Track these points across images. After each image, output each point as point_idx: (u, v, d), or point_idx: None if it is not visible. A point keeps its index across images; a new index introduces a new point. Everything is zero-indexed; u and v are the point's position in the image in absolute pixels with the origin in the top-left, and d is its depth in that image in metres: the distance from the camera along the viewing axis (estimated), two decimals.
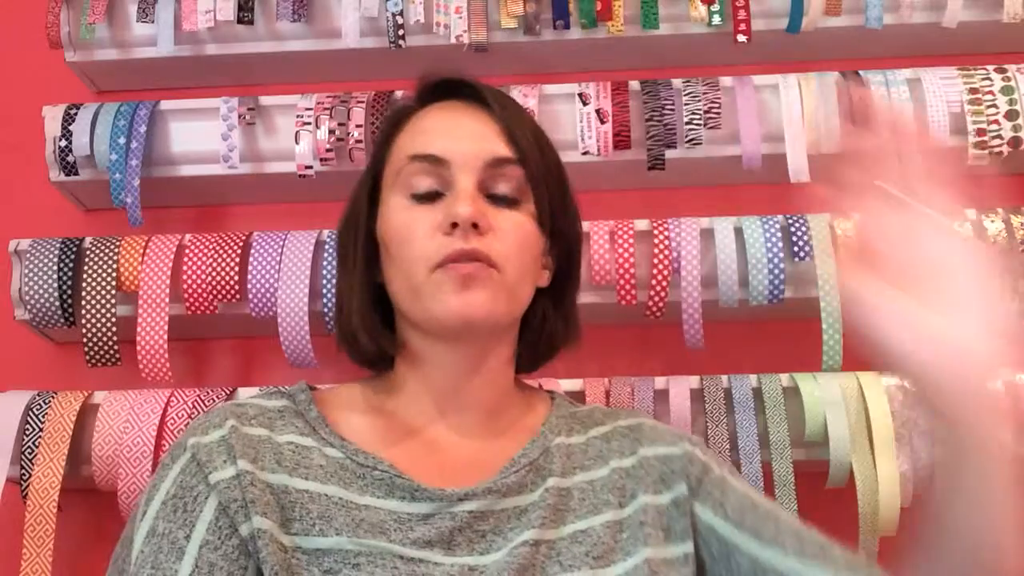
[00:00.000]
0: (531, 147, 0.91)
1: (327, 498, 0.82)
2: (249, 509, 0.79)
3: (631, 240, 1.36)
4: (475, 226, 0.85)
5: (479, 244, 0.85)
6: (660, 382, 1.32)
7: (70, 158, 1.44)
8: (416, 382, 0.91)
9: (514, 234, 0.88)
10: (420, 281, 0.86)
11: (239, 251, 1.39)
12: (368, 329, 0.91)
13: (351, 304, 0.92)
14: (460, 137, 0.90)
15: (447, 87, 0.95)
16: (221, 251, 1.39)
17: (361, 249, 0.92)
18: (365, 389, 0.94)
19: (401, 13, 1.46)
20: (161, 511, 0.81)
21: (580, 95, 1.44)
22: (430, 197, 0.88)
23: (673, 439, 0.92)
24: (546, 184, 0.92)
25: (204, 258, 1.38)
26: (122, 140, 1.42)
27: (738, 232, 1.38)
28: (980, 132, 1.39)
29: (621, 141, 1.42)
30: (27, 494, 1.27)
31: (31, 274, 1.37)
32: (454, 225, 0.85)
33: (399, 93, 1.42)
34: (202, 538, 0.79)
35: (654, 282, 1.35)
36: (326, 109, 1.43)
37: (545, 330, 0.96)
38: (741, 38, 1.45)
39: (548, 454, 0.89)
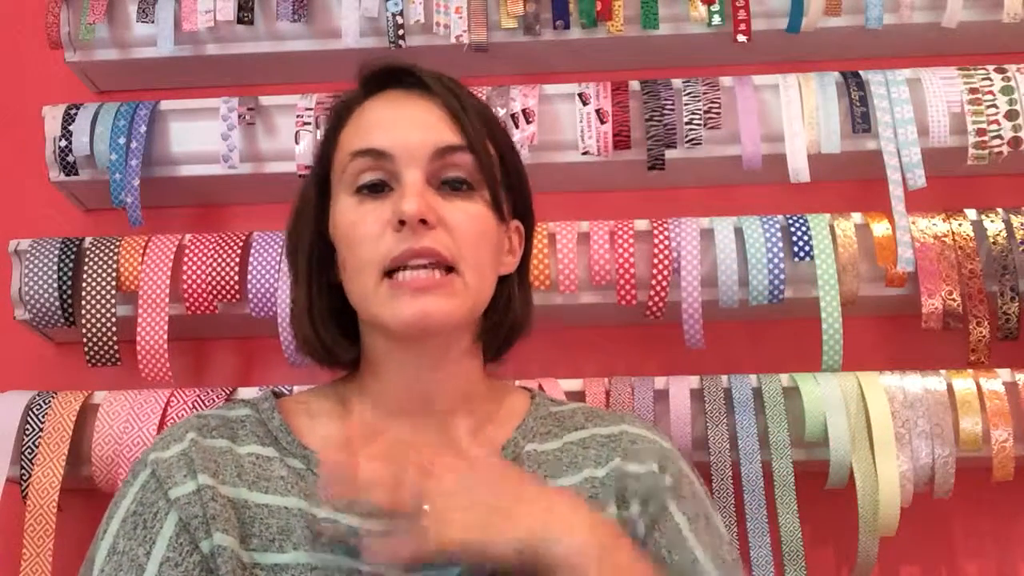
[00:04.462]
0: (479, 131, 0.88)
1: (287, 511, 0.81)
2: (210, 525, 0.78)
3: (631, 240, 1.36)
4: (424, 222, 0.82)
5: (430, 241, 0.82)
6: (660, 382, 1.32)
7: (70, 158, 1.43)
8: (378, 383, 0.89)
9: (468, 226, 0.85)
10: (371, 288, 0.83)
11: (239, 251, 1.39)
12: (321, 335, 0.88)
13: (302, 309, 0.90)
14: (403, 128, 0.86)
15: (389, 76, 0.91)
16: (221, 251, 1.39)
17: (309, 252, 0.89)
18: (331, 393, 0.92)
19: (401, 13, 1.46)
20: (121, 529, 0.80)
21: (580, 95, 1.44)
22: (377, 189, 0.85)
23: (647, 456, 0.88)
24: (500, 167, 0.89)
25: (204, 258, 1.38)
26: (122, 140, 1.42)
27: (738, 232, 1.38)
28: (980, 132, 1.39)
29: (621, 141, 1.42)
30: (27, 494, 1.27)
31: (31, 274, 1.37)
32: (402, 223, 0.82)
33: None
34: (162, 555, 0.78)
35: (654, 282, 1.35)
36: (326, 109, 1.42)
37: (508, 317, 0.92)
38: (741, 38, 1.45)
39: (518, 462, 0.87)
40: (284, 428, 0.87)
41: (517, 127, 1.41)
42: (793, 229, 1.37)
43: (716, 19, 1.46)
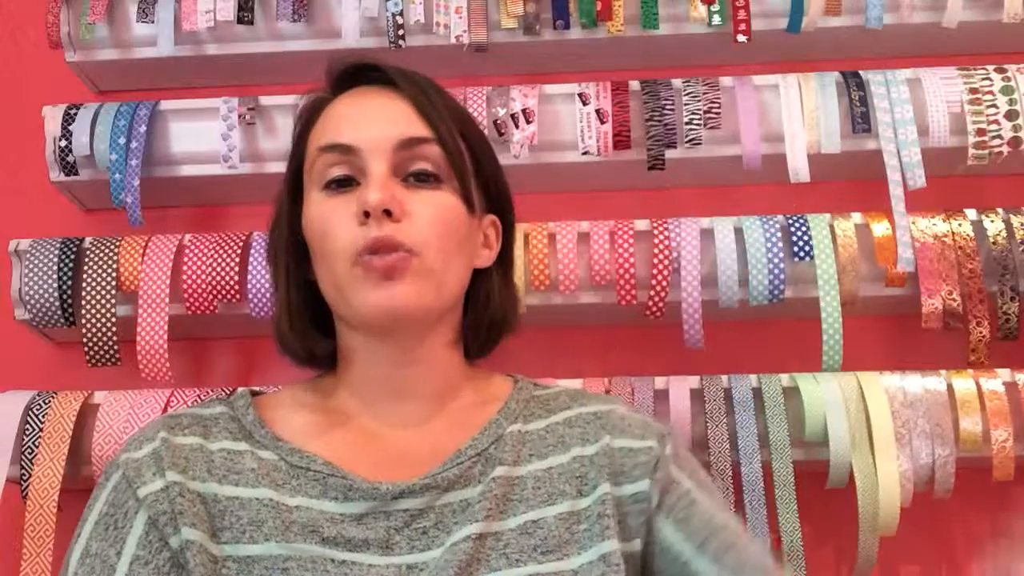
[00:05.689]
0: (447, 124, 0.89)
1: (258, 502, 0.81)
2: (178, 521, 0.79)
3: (631, 240, 1.36)
4: (388, 213, 0.83)
5: (393, 231, 0.83)
6: (660, 382, 1.32)
7: (70, 158, 1.43)
8: (354, 375, 0.89)
9: (432, 215, 0.85)
10: (341, 276, 0.84)
11: (239, 251, 1.39)
12: (297, 331, 0.90)
13: (280, 306, 0.91)
14: (368, 122, 0.88)
15: (356, 73, 0.92)
16: (221, 251, 1.39)
17: (286, 249, 0.91)
18: (308, 388, 0.92)
19: (401, 13, 1.46)
20: (94, 531, 0.81)
21: (580, 95, 1.44)
22: (345, 184, 0.86)
23: (641, 432, 0.88)
24: (470, 159, 0.90)
25: (204, 258, 1.38)
26: (122, 140, 1.42)
27: (738, 232, 1.38)
28: (980, 132, 1.39)
29: (621, 141, 1.42)
30: (27, 494, 1.27)
31: (31, 274, 1.37)
32: (367, 214, 0.83)
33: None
34: (132, 554, 0.78)
35: (654, 282, 1.35)
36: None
37: (489, 311, 0.92)
38: (741, 38, 1.45)
39: (500, 443, 0.86)
40: (258, 422, 0.87)
41: (517, 127, 1.41)
42: (793, 229, 1.37)
43: (716, 19, 1.46)
